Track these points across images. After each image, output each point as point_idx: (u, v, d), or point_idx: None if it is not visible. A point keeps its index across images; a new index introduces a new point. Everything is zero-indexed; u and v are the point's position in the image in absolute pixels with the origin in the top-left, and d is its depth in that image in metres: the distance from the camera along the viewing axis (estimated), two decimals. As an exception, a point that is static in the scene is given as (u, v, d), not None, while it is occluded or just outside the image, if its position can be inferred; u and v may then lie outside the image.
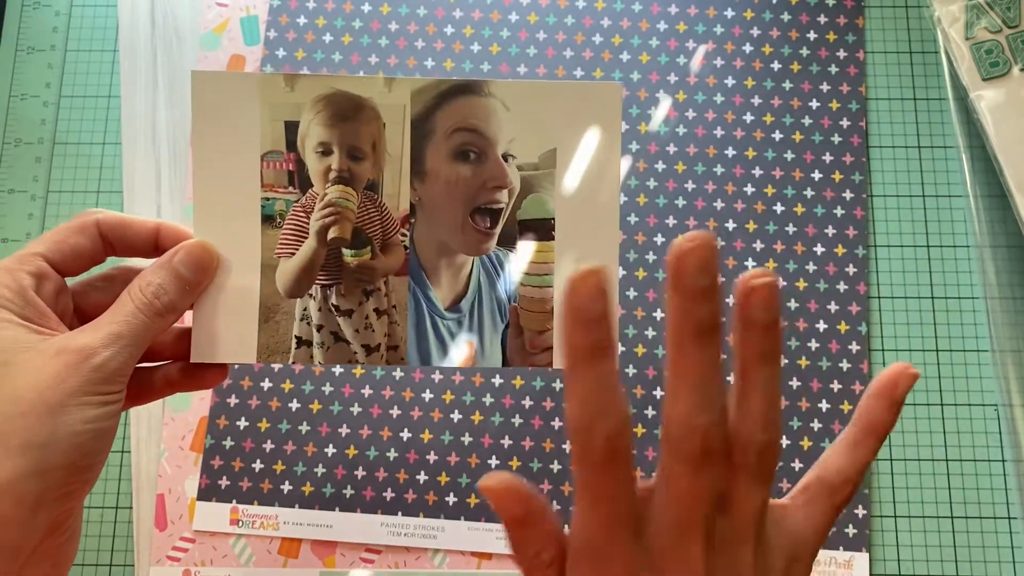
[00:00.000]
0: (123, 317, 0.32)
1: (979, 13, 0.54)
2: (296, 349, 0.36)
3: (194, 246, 0.34)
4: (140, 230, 0.35)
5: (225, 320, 0.35)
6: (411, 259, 0.36)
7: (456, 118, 0.35)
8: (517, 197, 0.36)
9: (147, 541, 0.50)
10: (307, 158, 0.35)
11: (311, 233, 0.36)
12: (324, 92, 0.35)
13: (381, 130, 0.35)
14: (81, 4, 0.60)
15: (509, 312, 0.36)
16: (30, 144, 0.57)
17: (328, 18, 0.58)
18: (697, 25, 0.57)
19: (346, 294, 0.36)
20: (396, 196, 0.36)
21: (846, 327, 0.52)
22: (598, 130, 0.35)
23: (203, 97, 0.35)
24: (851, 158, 0.55)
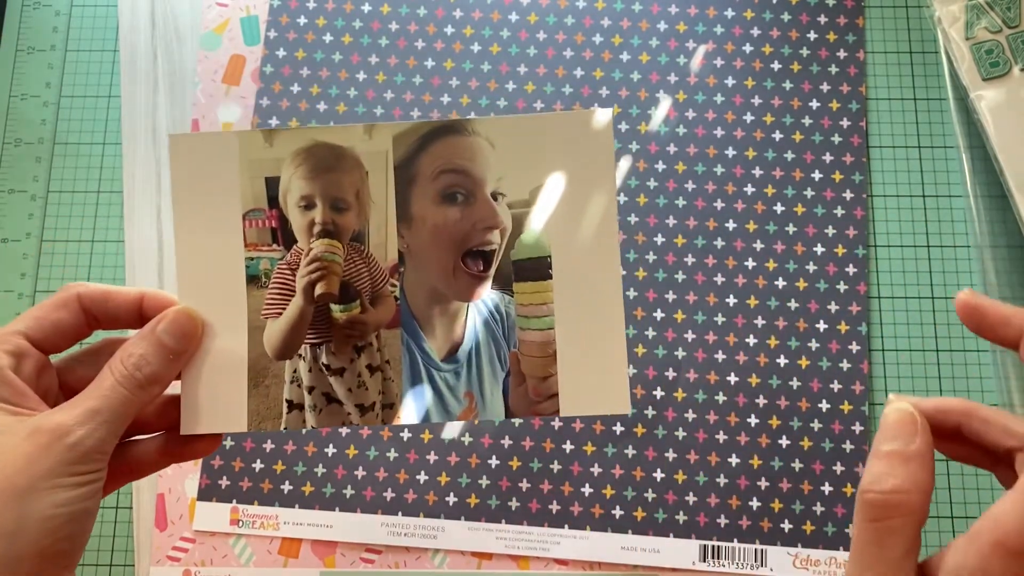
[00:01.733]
0: (101, 392, 0.31)
1: (979, 13, 0.54)
2: (287, 414, 0.34)
3: (178, 313, 0.33)
4: (123, 300, 0.33)
5: (213, 388, 0.34)
6: (402, 310, 0.34)
7: (440, 160, 0.34)
8: (510, 237, 0.34)
9: (147, 541, 0.50)
10: (290, 213, 0.34)
11: (297, 291, 0.34)
12: (303, 145, 0.34)
13: (364, 179, 0.34)
14: (81, 4, 0.60)
15: (509, 359, 0.34)
16: (30, 144, 0.57)
17: (328, 18, 0.58)
18: (697, 25, 0.57)
19: (337, 352, 0.34)
20: (383, 245, 0.34)
21: (846, 327, 0.52)
22: (590, 159, 0.34)
23: (181, 160, 0.34)
24: (851, 158, 0.55)
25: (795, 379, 0.51)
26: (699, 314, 0.53)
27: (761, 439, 0.51)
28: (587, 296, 0.34)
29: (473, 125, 0.34)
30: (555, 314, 0.34)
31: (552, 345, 0.34)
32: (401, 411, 0.34)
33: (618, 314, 0.34)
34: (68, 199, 0.56)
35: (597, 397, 0.33)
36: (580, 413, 0.34)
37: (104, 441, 0.30)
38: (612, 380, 0.33)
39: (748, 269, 0.53)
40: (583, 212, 0.34)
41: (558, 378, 0.34)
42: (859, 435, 0.50)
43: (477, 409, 0.34)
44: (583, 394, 0.33)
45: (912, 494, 0.25)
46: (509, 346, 0.34)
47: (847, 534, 0.49)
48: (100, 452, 0.30)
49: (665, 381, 0.52)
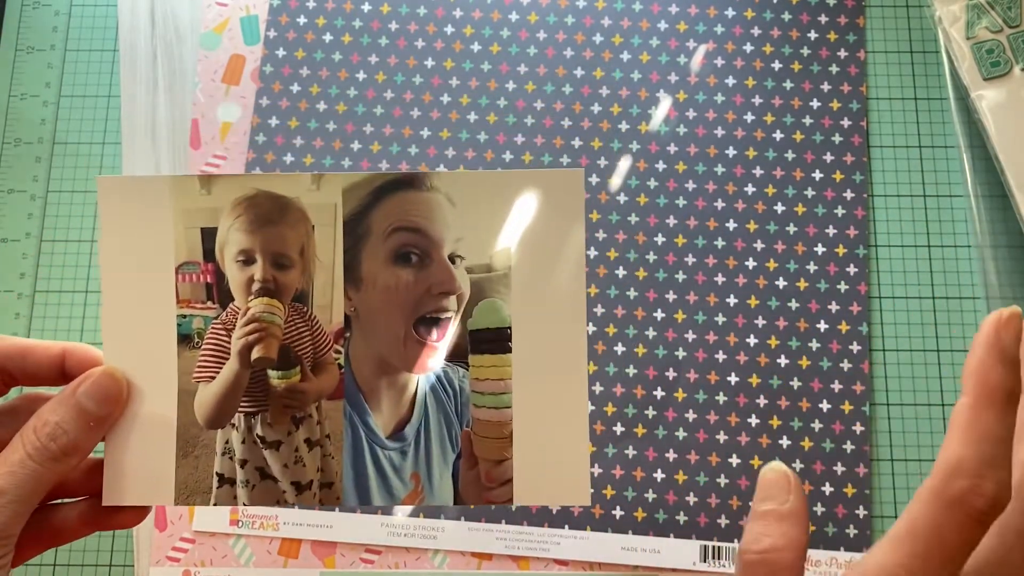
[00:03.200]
0: (9, 468, 0.28)
1: (980, 13, 0.54)
2: (218, 488, 0.31)
3: (101, 375, 0.30)
4: (42, 357, 0.31)
5: (139, 456, 0.31)
6: (347, 380, 0.31)
7: (394, 216, 0.31)
8: (467, 304, 0.31)
9: (147, 541, 0.50)
10: (227, 268, 0.31)
11: (233, 353, 0.31)
12: (243, 194, 0.31)
13: (310, 233, 0.31)
14: (81, 4, 0.60)
15: (461, 439, 0.32)
16: (30, 144, 0.57)
17: (328, 18, 0.58)
18: (698, 25, 0.57)
19: (273, 423, 0.31)
20: (328, 307, 0.31)
21: (847, 327, 0.52)
22: (557, 223, 0.31)
23: (110, 204, 0.31)
24: (852, 158, 0.55)
25: (796, 379, 0.51)
26: (699, 314, 0.52)
27: (762, 439, 0.51)
28: (549, 374, 0.31)
29: (432, 180, 0.31)
30: (513, 392, 0.31)
31: (509, 426, 0.31)
32: (341, 491, 0.32)
33: (582, 396, 0.31)
34: (68, 199, 0.56)
35: (555, 486, 0.31)
36: (536, 502, 0.31)
37: (8, 525, 0.28)
38: (572, 468, 0.31)
39: (749, 269, 0.53)
40: (549, 280, 0.31)
41: (513, 463, 0.31)
42: (860, 435, 0.50)
43: (424, 493, 0.32)
44: (540, 482, 0.31)
45: (785, 551, 0.25)
46: (462, 424, 0.32)
47: (848, 534, 0.49)
48: (4, 536, 0.28)
49: (665, 381, 0.52)
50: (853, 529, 0.49)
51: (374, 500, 0.32)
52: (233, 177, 0.32)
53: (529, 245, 0.31)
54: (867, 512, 0.49)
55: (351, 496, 0.32)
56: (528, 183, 0.31)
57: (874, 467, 0.50)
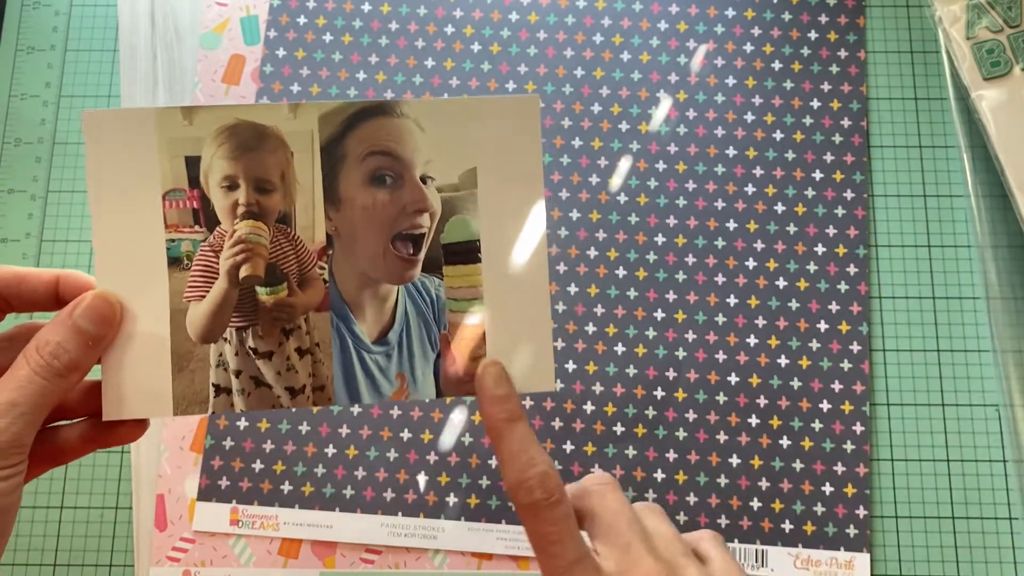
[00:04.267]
0: (16, 383, 0.30)
1: (980, 13, 0.54)
2: (215, 398, 0.34)
3: (95, 297, 0.32)
4: (37, 283, 0.32)
5: (136, 372, 0.33)
6: (332, 293, 0.34)
7: (368, 141, 0.34)
8: (439, 220, 0.34)
9: (147, 541, 0.50)
10: (212, 194, 0.33)
11: (221, 273, 0.33)
12: (225, 123, 0.33)
13: (289, 159, 0.33)
14: (81, 4, 0.60)
15: (440, 340, 0.34)
16: (30, 144, 0.57)
17: (328, 18, 0.58)
18: (698, 25, 0.57)
19: (264, 335, 0.34)
20: (311, 227, 0.34)
21: (847, 327, 0.52)
22: (519, 144, 0.34)
23: (96, 137, 0.33)
24: (852, 158, 0.55)
25: (796, 379, 0.51)
26: (700, 314, 0.52)
27: (762, 439, 0.51)
28: (515, 280, 0.34)
29: (402, 107, 0.34)
30: (484, 296, 0.34)
31: (481, 327, 0.34)
32: (332, 393, 0.34)
33: (544, 294, 0.34)
34: (68, 199, 0.56)
35: (525, 377, 0.34)
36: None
37: (22, 435, 0.29)
38: (539, 360, 0.34)
39: (749, 269, 0.53)
40: (511, 197, 0.34)
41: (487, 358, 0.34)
42: (860, 435, 0.50)
43: (409, 389, 0.34)
44: (511, 373, 0.34)
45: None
46: (439, 328, 0.34)
47: (847, 534, 0.49)
48: (19, 446, 0.29)
49: (666, 381, 0.52)
50: (853, 529, 0.49)
51: (364, 399, 0.34)
52: (214, 108, 0.33)
53: (493, 164, 0.34)
54: (867, 512, 0.49)
55: (342, 396, 0.34)
56: (490, 109, 0.34)
57: (874, 467, 0.50)
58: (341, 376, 0.34)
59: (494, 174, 0.34)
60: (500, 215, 0.34)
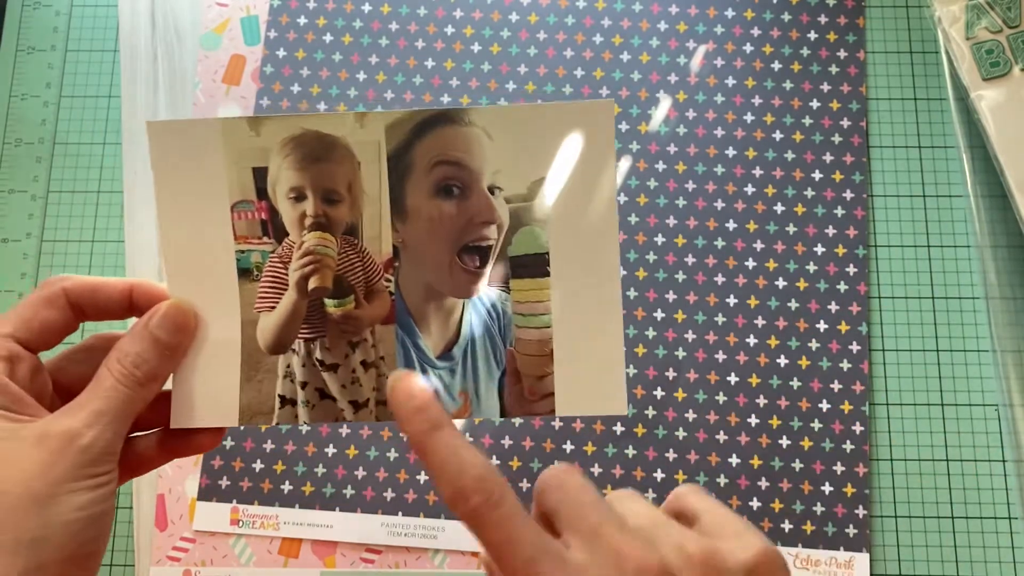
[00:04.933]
0: (104, 393, 0.30)
1: (979, 13, 0.54)
2: (280, 409, 0.33)
3: (170, 307, 0.32)
4: (111, 293, 0.33)
5: (205, 381, 0.33)
6: (398, 305, 0.33)
7: (435, 151, 0.33)
8: (507, 232, 0.33)
9: (147, 541, 0.50)
10: (280, 205, 0.33)
11: (290, 284, 0.33)
12: (292, 133, 0.33)
13: (356, 169, 0.33)
14: (81, 4, 0.60)
15: (505, 357, 0.33)
16: (30, 144, 0.57)
17: (328, 18, 0.58)
18: (697, 25, 0.57)
19: (331, 347, 0.33)
20: (378, 239, 0.33)
21: (847, 327, 0.52)
22: (590, 153, 0.33)
23: (162, 149, 0.33)
24: (852, 158, 0.55)
25: (795, 379, 0.51)
26: (699, 314, 0.52)
27: (761, 439, 0.51)
28: (585, 295, 0.33)
29: (470, 115, 0.33)
30: (552, 312, 0.33)
31: (549, 344, 0.33)
32: None
33: (616, 313, 0.33)
34: (68, 199, 0.56)
35: (594, 397, 0.33)
36: (576, 413, 0.33)
37: (113, 442, 0.30)
38: (609, 380, 0.33)
39: (748, 269, 0.53)
40: (582, 208, 0.33)
41: (554, 377, 0.33)
42: (859, 435, 0.50)
43: (472, 408, 0.34)
44: (579, 394, 0.33)
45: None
46: (505, 344, 0.33)
47: (847, 534, 0.49)
48: (110, 453, 0.30)
49: (665, 381, 0.52)
50: (853, 529, 0.49)
51: None
52: (280, 118, 0.33)
53: (563, 174, 0.33)
54: (867, 512, 0.49)
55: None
56: (561, 115, 0.33)
57: (874, 467, 0.50)
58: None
59: (565, 183, 0.33)
60: (570, 227, 0.33)
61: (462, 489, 0.27)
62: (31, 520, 0.28)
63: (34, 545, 0.28)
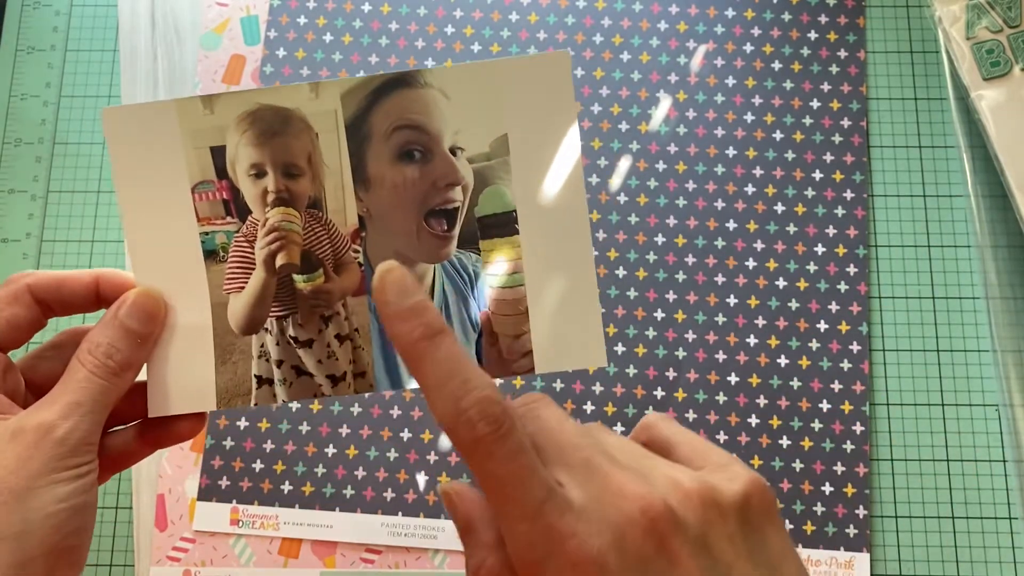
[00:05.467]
0: (77, 384, 0.30)
1: (980, 13, 0.54)
2: (257, 389, 0.33)
3: (138, 295, 0.32)
4: (77, 286, 0.32)
5: (179, 368, 0.33)
6: (368, 276, 0.33)
7: (393, 116, 0.32)
8: (472, 193, 0.33)
9: (147, 541, 0.50)
10: (241, 183, 0.33)
11: (258, 263, 0.33)
12: (247, 109, 0.32)
13: (314, 141, 0.32)
14: (81, 4, 0.60)
15: (480, 319, 0.33)
16: (30, 144, 0.57)
17: (328, 18, 0.58)
18: (698, 25, 0.57)
19: (304, 323, 0.33)
20: (342, 210, 0.33)
21: (847, 327, 0.52)
22: (549, 106, 0.32)
23: (118, 134, 0.32)
24: (852, 158, 0.55)
25: (796, 379, 0.51)
26: (700, 314, 0.52)
27: (762, 439, 0.51)
28: (556, 250, 0.32)
29: (425, 76, 0.32)
30: (524, 270, 0.32)
31: (523, 302, 0.32)
32: (374, 379, 0.33)
33: (589, 266, 0.32)
34: (68, 199, 0.56)
35: (572, 352, 0.32)
36: (556, 369, 0.33)
37: (90, 432, 0.30)
38: (587, 334, 0.32)
39: (749, 269, 0.53)
40: (546, 161, 0.32)
41: (531, 335, 0.32)
42: (860, 435, 0.50)
43: None
44: (558, 350, 0.32)
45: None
46: (480, 306, 0.33)
47: (847, 534, 0.49)
48: (88, 444, 0.30)
49: (666, 381, 0.52)
50: (853, 529, 0.49)
51: (405, 383, 0.33)
52: (234, 94, 0.32)
53: (524, 129, 0.32)
54: (867, 512, 0.49)
55: (384, 382, 0.33)
56: (517, 70, 0.32)
57: (874, 467, 0.50)
58: (382, 361, 0.33)
59: (527, 138, 0.32)
60: (536, 181, 0.32)
61: (464, 412, 0.24)
62: (11, 515, 0.27)
63: (16, 540, 0.27)
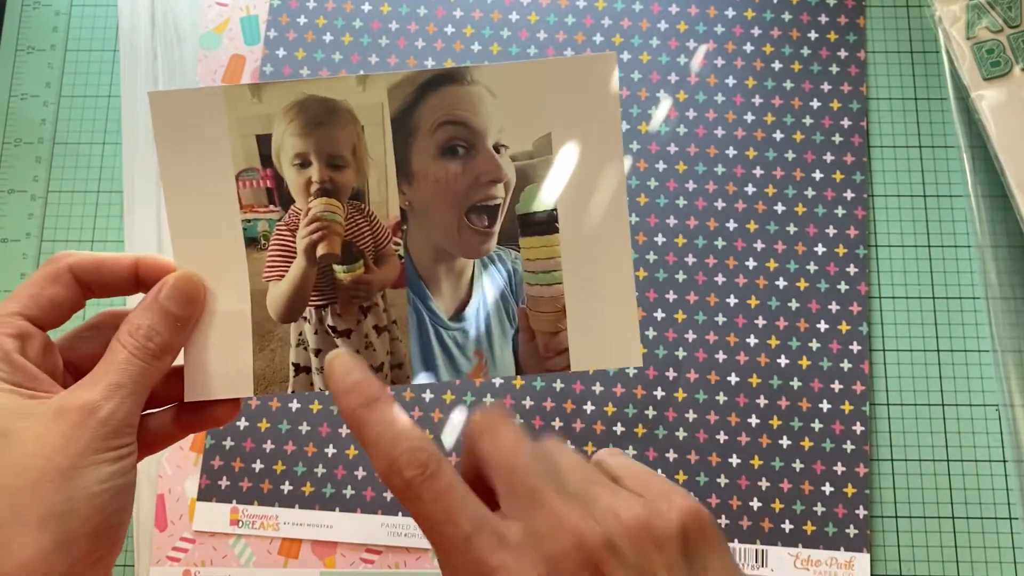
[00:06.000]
0: (118, 366, 0.30)
1: (980, 13, 0.54)
2: (294, 377, 0.33)
3: (179, 279, 0.32)
4: (117, 268, 0.32)
5: (217, 353, 0.33)
6: (407, 268, 0.33)
7: (439, 111, 0.33)
8: (514, 190, 0.33)
9: (147, 541, 0.50)
10: (285, 172, 0.33)
11: (299, 252, 0.33)
12: (294, 99, 0.32)
13: (360, 133, 0.33)
14: (81, 4, 0.60)
15: (518, 315, 0.33)
16: (30, 144, 0.57)
17: (328, 18, 0.58)
18: (698, 25, 0.57)
19: (342, 313, 0.33)
20: (384, 203, 0.33)
21: (847, 327, 0.52)
22: (594, 106, 0.32)
23: (165, 119, 0.32)
24: (852, 158, 0.55)
25: (796, 379, 0.51)
26: (700, 314, 0.52)
27: (762, 439, 0.51)
28: (595, 249, 0.33)
29: (472, 73, 0.33)
30: (563, 268, 0.33)
31: (561, 300, 0.33)
32: (411, 371, 0.33)
33: (627, 266, 0.33)
34: (68, 199, 0.56)
35: (608, 351, 0.32)
36: (592, 367, 0.33)
37: (132, 414, 0.30)
38: (623, 333, 0.32)
39: (749, 269, 0.53)
40: (589, 162, 0.33)
41: (568, 332, 0.33)
42: (860, 435, 0.50)
43: (487, 367, 0.33)
44: (594, 348, 0.33)
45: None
46: (517, 302, 0.33)
47: (847, 534, 0.49)
48: (129, 425, 0.30)
49: (666, 381, 0.52)
50: (853, 529, 0.49)
51: (442, 376, 0.33)
52: (282, 84, 0.32)
53: (568, 128, 0.32)
54: (867, 512, 0.49)
55: (421, 374, 0.33)
56: (564, 70, 0.32)
57: (874, 467, 0.50)
58: (419, 354, 0.33)
59: (570, 137, 0.32)
60: (577, 181, 0.33)
61: (395, 461, 0.26)
62: (56, 495, 0.27)
63: (60, 519, 0.27)
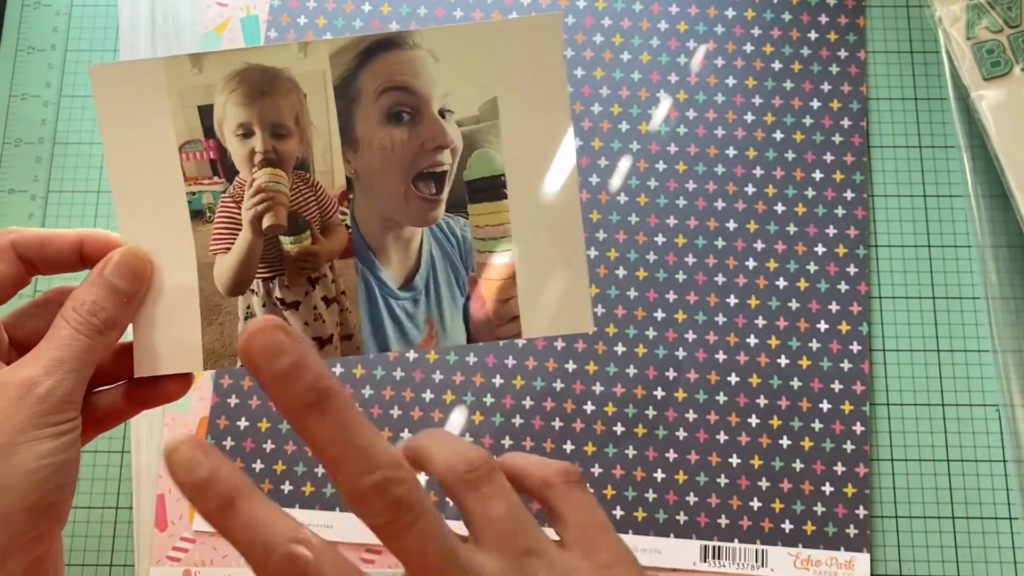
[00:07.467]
0: (61, 341, 0.30)
1: (980, 13, 0.54)
2: None
3: (124, 254, 0.32)
4: (61, 244, 0.32)
5: (166, 328, 0.32)
6: (355, 238, 0.33)
7: (382, 77, 0.32)
8: (461, 156, 0.32)
9: (147, 541, 0.50)
10: (228, 143, 0.32)
11: (244, 224, 0.33)
12: (235, 68, 0.32)
13: (303, 101, 0.32)
14: (81, 4, 0.60)
15: (468, 283, 0.33)
16: (30, 144, 0.57)
17: (328, 18, 0.58)
18: (698, 25, 0.57)
19: (290, 285, 0.33)
20: (330, 172, 0.32)
21: (847, 327, 0.52)
22: (540, 69, 0.32)
23: (105, 92, 0.32)
24: (852, 158, 0.55)
25: (796, 379, 0.51)
26: (700, 314, 0.52)
27: (762, 439, 0.51)
28: (545, 215, 0.32)
29: (414, 37, 0.32)
30: (512, 234, 0.32)
31: (511, 267, 0.32)
32: (360, 342, 0.33)
33: (578, 232, 0.32)
34: (68, 199, 0.56)
35: (559, 317, 0.32)
36: (542, 334, 0.33)
37: (73, 390, 0.29)
38: (574, 300, 0.32)
39: (749, 269, 0.53)
40: (536, 125, 0.32)
41: (518, 299, 0.32)
42: (860, 435, 0.50)
43: (438, 336, 0.33)
44: (545, 315, 0.32)
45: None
46: (468, 270, 0.33)
47: (847, 534, 0.49)
48: (71, 401, 0.29)
49: (666, 381, 0.52)
50: (853, 529, 0.49)
51: (392, 347, 0.33)
52: (222, 53, 0.32)
53: (514, 92, 0.32)
54: (867, 512, 0.49)
55: (370, 345, 0.33)
56: (507, 32, 0.32)
57: (874, 467, 0.50)
58: (368, 324, 0.33)
59: (516, 102, 0.32)
60: (525, 146, 0.32)
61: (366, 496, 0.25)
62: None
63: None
